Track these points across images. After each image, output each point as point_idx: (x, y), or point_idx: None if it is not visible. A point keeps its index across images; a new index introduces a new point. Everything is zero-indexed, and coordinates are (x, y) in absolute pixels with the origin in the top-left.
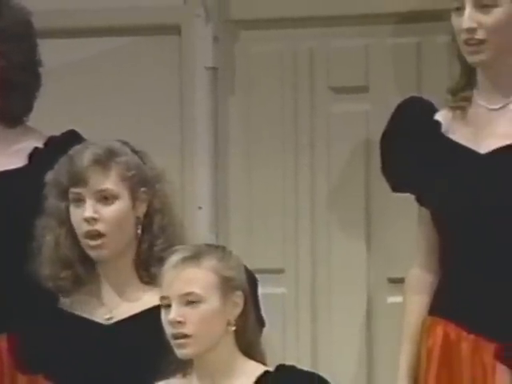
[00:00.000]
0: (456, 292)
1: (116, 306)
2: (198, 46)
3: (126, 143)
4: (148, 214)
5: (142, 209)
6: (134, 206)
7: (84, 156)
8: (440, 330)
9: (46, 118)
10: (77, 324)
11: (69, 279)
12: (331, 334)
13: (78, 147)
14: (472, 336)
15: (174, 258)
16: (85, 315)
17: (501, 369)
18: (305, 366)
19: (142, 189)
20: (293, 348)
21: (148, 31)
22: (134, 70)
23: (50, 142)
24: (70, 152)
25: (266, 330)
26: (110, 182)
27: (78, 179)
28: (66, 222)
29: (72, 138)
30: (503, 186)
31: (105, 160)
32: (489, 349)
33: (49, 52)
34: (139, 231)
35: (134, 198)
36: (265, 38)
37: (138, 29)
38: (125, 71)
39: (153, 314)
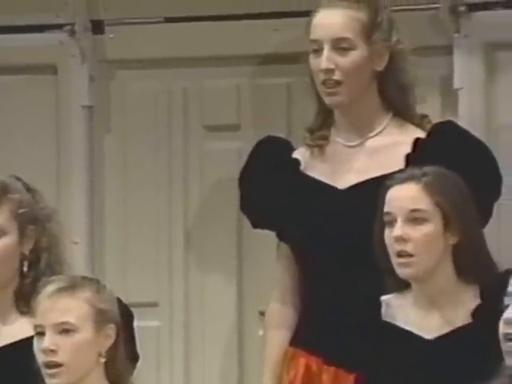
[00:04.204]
0: (316, 324)
1: None
2: (74, 85)
3: (19, 179)
4: (35, 251)
5: (28, 245)
6: (21, 242)
7: None
8: (302, 361)
9: None
10: None
11: None
12: (204, 366)
13: None
14: (333, 368)
15: (49, 288)
16: None
17: None
18: None
19: (31, 226)
20: (166, 380)
21: (25, 70)
22: (11, 109)
23: None
24: None
25: (140, 362)
26: (1, 218)
27: None
28: None
29: None
30: (361, 221)
31: None
32: (348, 380)
33: None
34: (25, 268)
35: (22, 235)
36: (140, 77)
37: (14, 68)
38: (2, 109)
39: (27, 343)
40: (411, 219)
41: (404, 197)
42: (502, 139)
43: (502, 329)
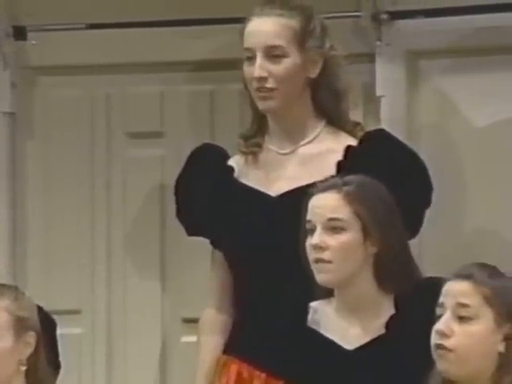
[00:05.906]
0: (247, 331)
1: None
2: None
3: None
4: None
5: None
6: None
7: None
8: (234, 368)
9: None
10: None
11: None
12: (126, 373)
13: None
14: (264, 374)
15: None
16: None
17: None
18: None
19: None
20: None
21: None
22: None
23: None
24: None
25: (62, 370)
26: None
27: None
28: None
29: None
30: (291, 228)
31: None
32: None
33: None
34: None
35: None
36: (62, 83)
37: None
38: None
39: None
40: (329, 228)
41: (323, 205)
42: (423, 146)
43: (433, 339)
